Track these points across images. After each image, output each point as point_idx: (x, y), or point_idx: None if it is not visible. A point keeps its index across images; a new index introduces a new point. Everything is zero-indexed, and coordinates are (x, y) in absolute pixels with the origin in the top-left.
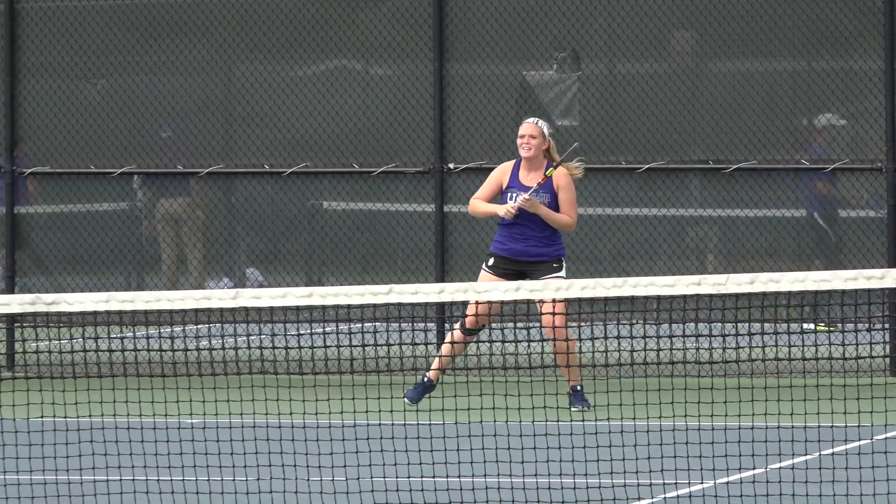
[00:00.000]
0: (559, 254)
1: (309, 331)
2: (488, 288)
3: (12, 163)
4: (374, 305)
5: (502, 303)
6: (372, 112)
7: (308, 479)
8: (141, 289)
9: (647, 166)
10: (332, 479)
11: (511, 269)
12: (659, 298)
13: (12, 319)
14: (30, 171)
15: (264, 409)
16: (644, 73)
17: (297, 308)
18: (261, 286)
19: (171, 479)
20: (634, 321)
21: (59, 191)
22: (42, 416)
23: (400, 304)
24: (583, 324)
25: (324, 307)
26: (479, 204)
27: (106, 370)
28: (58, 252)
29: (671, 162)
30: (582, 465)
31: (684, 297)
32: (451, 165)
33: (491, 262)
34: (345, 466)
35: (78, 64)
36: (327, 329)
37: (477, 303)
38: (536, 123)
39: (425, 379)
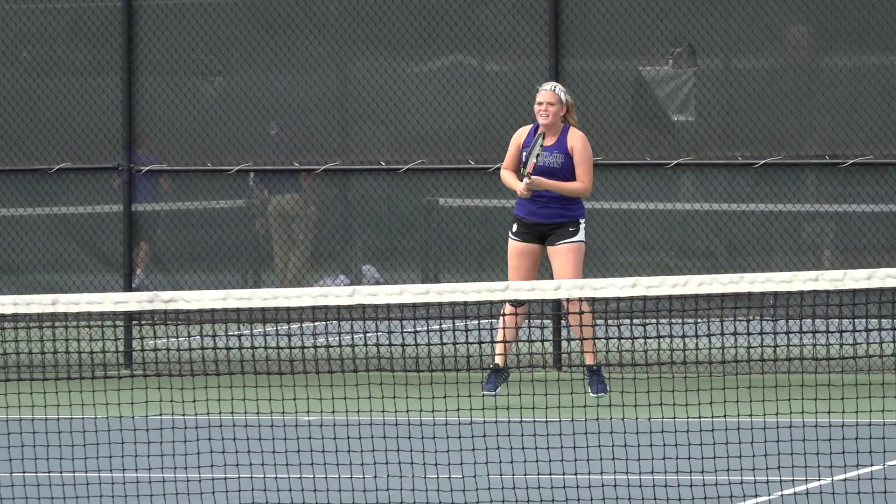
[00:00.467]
0: (576, 215)
1: (425, 328)
2: (604, 285)
3: (130, 160)
4: (491, 302)
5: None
6: (488, 108)
7: (425, 477)
8: (258, 286)
9: (764, 161)
10: (449, 477)
11: (532, 233)
12: (776, 294)
13: (130, 317)
14: (147, 168)
15: (381, 406)
16: (760, 68)
17: (414, 305)
18: (377, 283)
19: (289, 477)
20: (751, 317)
21: (175, 188)
22: (160, 414)
23: (526, 302)
24: (700, 320)
25: (440, 304)
26: (506, 176)
27: (223, 368)
28: (175, 249)
29: (787, 157)
30: (698, 462)
31: (801, 293)
32: None
33: (514, 227)
34: (461, 464)
35: (194, 61)
36: (444, 326)
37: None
38: (553, 90)
39: (492, 366)
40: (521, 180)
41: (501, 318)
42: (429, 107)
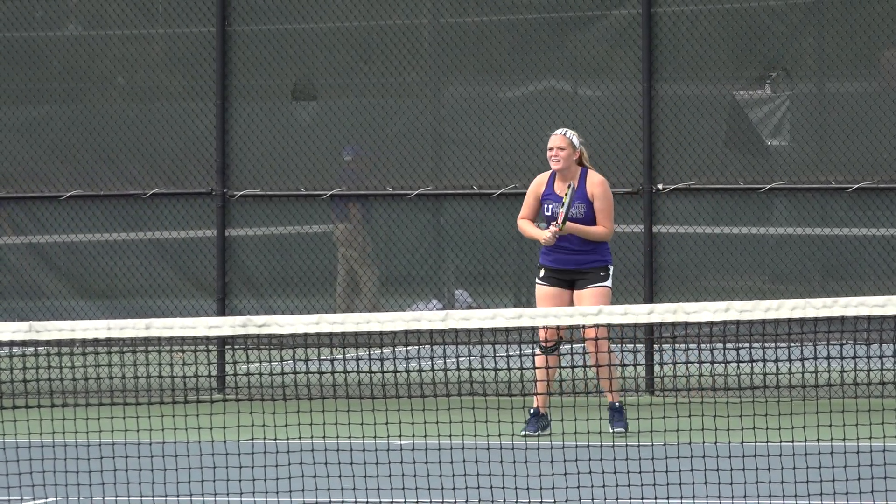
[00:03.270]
0: (605, 261)
1: (518, 352)
2: (697, 309)
3: (224, 185)
4: (583, 326)
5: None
6: (581, 133)
7: (517, 501)
8: (350, 311)
9: (857, 186)
10: (541, 501)
11: (562, 278)
12: (869, 319)
13: (223, 342)
14: (240, 193)
15: (473, 430)
16: (854, 92)
17: (507, 329)
18: (469, 307)
19: (381, 501)
20: (844, 341)
21: (269, 213)
22: (252, 439)
23: (609, 326)
24: (793, 344)
25: (532, 328)
26: (525, 226)
27: (315, 392)
28: (268, 274)
29: (881, 181)
30: (791, 487)
31: (895, 317)
32: (660, 186)
33: (542, 273)
34: (553, 488)
35: (288, 86)
36: (536, 351)
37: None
38: (565, 135)
39: (532, 410)
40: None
41: (533, 359)
42: (522, 132)
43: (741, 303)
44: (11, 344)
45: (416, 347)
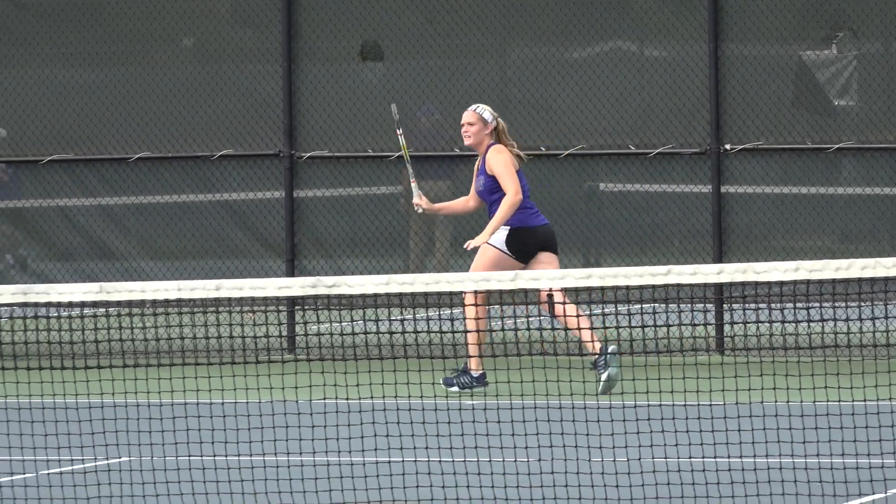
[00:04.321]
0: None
1: (588, 312)
2: (766, 269)
3: (291, 147)
4: (653, 287)
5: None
6: (647, 93)
7: (589, 460)
8: (419, 271)
9: None
10: (614, 460)
11: None
12: None
13: (293, 302)
14: (308, 154)
15: (544, 389)
16: None
17: (576, 289)
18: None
19: (453, 461)
20: None
21: (337, 174)
22: (324, 399)
23: (679, 286)
24: (863, 303)
25: (602, 288)
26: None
27: (386, 352)
28: (337, 235)
29: None
30: (864, 445)
31: None
32: (728, 146)
33: None
34: (626, 447)
35: (355, 48)
36: (606, 310)
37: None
38: (475, 110)
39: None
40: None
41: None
42: (588, 92)
43: (811, 262)
44: (83, 305)
45: (486, 307)
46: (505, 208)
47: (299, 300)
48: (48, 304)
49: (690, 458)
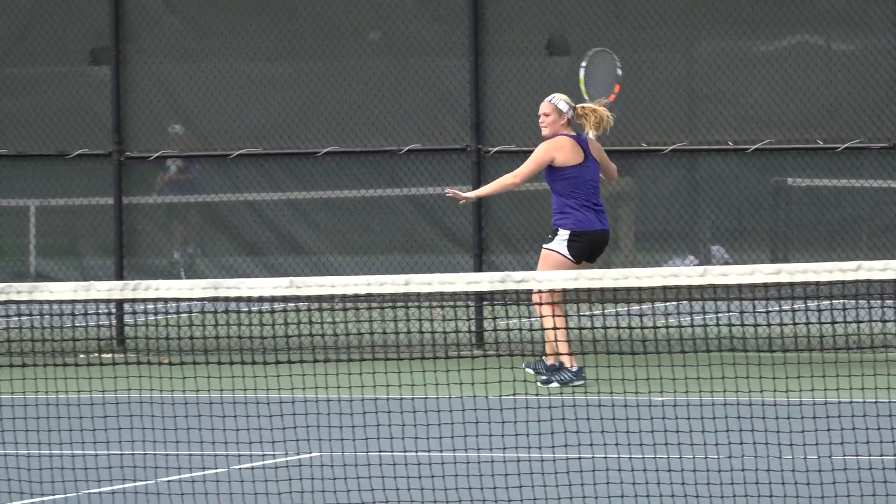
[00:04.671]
0: (556, 225)
1: (777, 308)
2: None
3: (478, 141)
4: (843, 282)
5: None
6: (835, 87)
7: (780, 458)
8: (606, 267)
9: None
10: (805, 458)
11: None
12: None
13: (481, 297)
14: (495, 149)
15: (734, 386)
16: None
17: (765, 285)
18: (726, 263)
19: (644, 457)
20: None
21: None
22: (514, 394)
23: (868, 281)
24: None
25: (791, 284)
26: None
27: (576, 348)
28: (525, 230)
29: None
30: None
31: None
32: None
33: None
34: (816, 444)
35: (541, 42)
36: (795, 306)
37: None
38: (551, 101)
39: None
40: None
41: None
42: (776, 86)
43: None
44: (272, 300)
45: (675, 303)
46: (497, 184)
47: (487, 295)
48: (238, 299)
49: (882, 455)
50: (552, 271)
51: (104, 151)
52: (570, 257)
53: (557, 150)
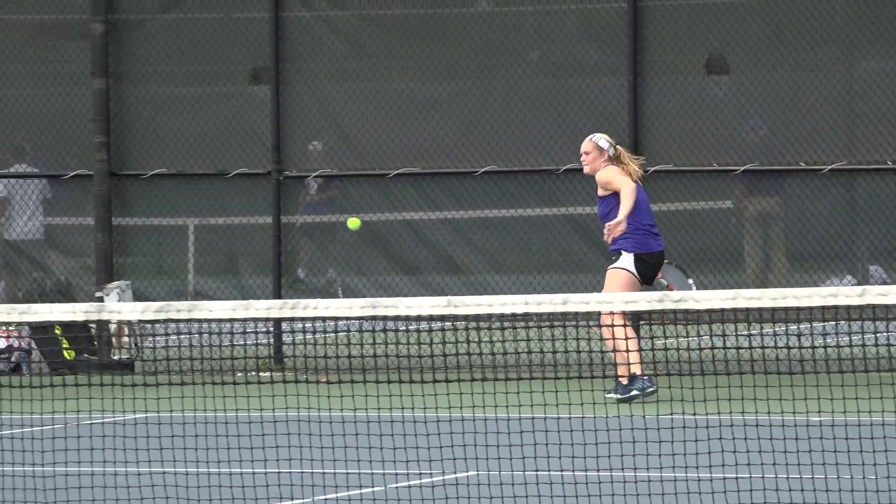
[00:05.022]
0: (617, 247)
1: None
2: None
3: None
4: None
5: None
6: None
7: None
8: (764, 286)
9: None
10: None
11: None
12: None
13: (639, 317)
14: (653, 168)
15: (893, 406)
16: None
17: None
18: (884, 283)
19: (801, 477)
20: None
21: (682, 188)
22: (671, 414)
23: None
24: None
25: None
26: None
27: (733, 367)
28: (682, 249)
29: None
30: None
31: None
32: None
33: None
34: None
35: (700, 61)
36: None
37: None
38: (592, 139)
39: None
40: None
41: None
42: None
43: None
44: (430, 318)
45: (833, 323)
46: (626, 200)
47: (645, 315)
48: (396, 318)
49: None
50: (636, 292)
51: (263, 171)
52: (637, 276)
53: (621, 172)
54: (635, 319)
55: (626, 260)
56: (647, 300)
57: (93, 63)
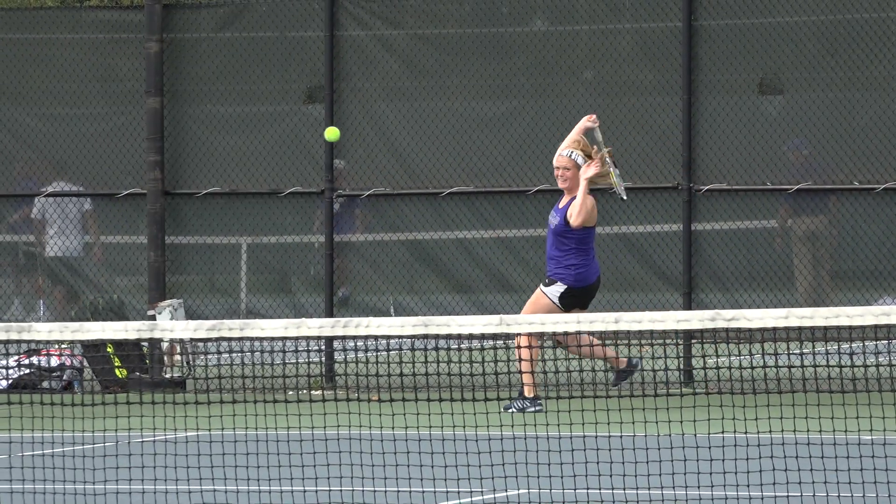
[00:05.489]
0: (555, 276)
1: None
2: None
3: (689, 179)
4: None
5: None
6: None
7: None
8: (818, 304)
9: None
10: None
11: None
12: None
13: (690, 335)
14: (707, 187)
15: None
16: None
17: None
18: None
19: (852, 496)
20: None
21: (735, 207)
22: (722, 432)
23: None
24: None
25: None
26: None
27: (785, 386)
28: (734, 268)
29: None
30: None
31: None
32: None
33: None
34: None
35: (754, 80)
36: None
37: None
38: (569, 155)
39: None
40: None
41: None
42: None
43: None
44: (482, 337)
45: (886, 342)
46: (583, 205)
47: (696, 333)
48: (448, 337)
49: None
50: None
51: (316, 189)
52: (560, 307)
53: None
54: (687, 338)
55: (556, 291)
56: (699, 319)
57: (147, 82)
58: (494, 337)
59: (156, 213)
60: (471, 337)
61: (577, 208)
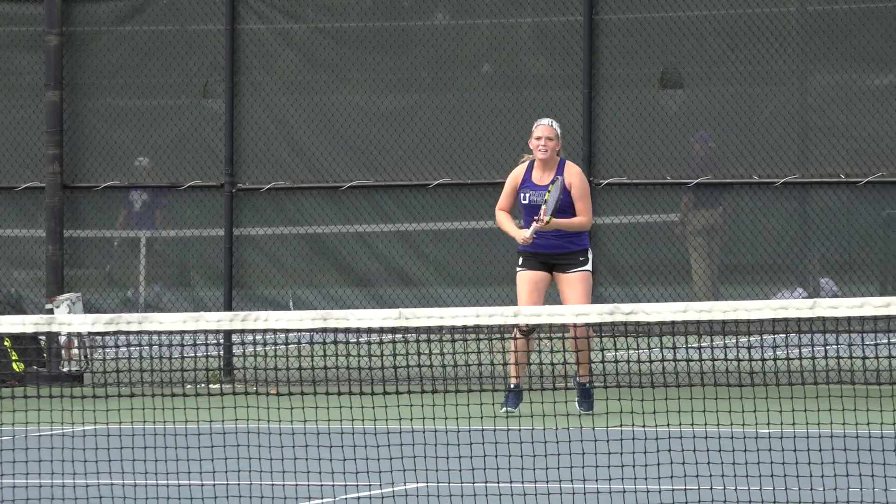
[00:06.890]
0: (583, 245)
1: (886, 340)
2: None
3: (590, 174)
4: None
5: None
6: None
7: (886, 490)
8: (715, 298)
9: None
10: None
11: (540, 261)
12: None
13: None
14: (606, 181)
15: (841, 419)
16: None
17: (875, 318)
18: (835, 296)
19: (749, 489)
20: None
21: (634, 201)
22: (620, 426)
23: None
24: None
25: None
26: (503, 220)
27: (683, 380)
28: (633, 262)
29: None
30: None
31: None
32: None
33: (521, 261)
34: None
35: (655, 75)
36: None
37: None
38: (551, 125)
39: (513, 385)
40: (527, 226)
41: (512, 343)
42: (889, 119)
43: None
44: (381, 331)
45: (783, 336)
46: (579, 223)
47: (597, 327)
48: (347, 330)
49: None
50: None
51: (216, 183)
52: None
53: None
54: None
55: (589, 259)
56: (598, 313)
57: (47, 75)
58: (393, 331)
59: (54, 206)
60: (370, 331)
61: (581, 220)
